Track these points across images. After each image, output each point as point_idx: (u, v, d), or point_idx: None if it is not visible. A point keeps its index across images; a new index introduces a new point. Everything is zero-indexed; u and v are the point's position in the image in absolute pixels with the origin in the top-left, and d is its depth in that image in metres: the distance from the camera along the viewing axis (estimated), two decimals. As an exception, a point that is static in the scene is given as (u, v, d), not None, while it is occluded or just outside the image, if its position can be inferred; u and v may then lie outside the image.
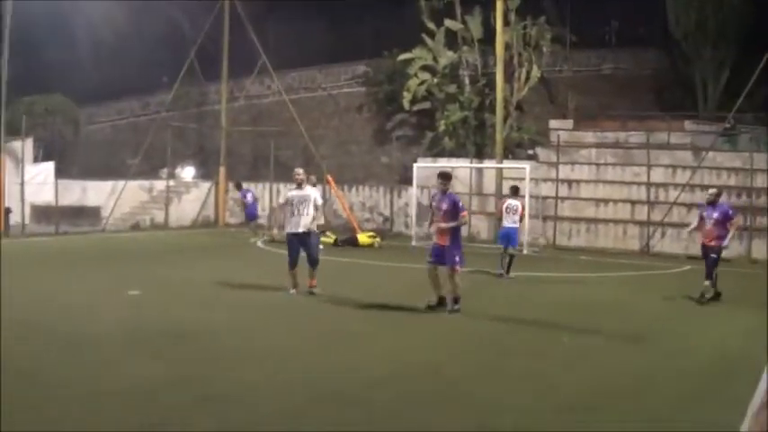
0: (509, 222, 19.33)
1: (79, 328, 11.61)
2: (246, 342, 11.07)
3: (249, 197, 29.05)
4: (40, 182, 32.04)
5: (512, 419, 7.80)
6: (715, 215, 15.36)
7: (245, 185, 30.13)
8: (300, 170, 15.64)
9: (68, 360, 9.62)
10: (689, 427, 7.72)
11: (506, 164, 30.02)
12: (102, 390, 8.27)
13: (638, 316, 14.35)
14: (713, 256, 15.33)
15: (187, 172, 37.26)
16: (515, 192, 20.22)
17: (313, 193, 15.61)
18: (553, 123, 33.07)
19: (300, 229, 15.06)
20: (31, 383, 8.48)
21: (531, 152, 32.33)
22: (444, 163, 31.19)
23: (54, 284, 16.44)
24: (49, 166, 33.69)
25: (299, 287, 15.15)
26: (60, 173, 33.07)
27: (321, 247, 24.00)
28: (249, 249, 25.50)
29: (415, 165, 29.06)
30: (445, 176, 13.97)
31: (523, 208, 19.95)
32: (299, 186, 15.28)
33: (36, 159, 35.26)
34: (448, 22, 33.97)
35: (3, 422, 6.85)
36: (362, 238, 26.96)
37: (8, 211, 28.85)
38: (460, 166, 30.89)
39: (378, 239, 27.06)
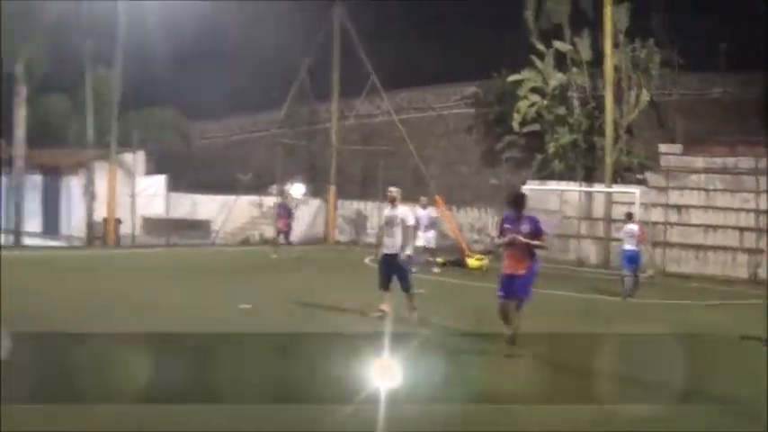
0: (630, 245, 19.83)
1: (191, 339, 11.74)
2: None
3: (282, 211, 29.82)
4: (151, 194, 33.20)
5: None
6: None
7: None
8: (394, 188, 14.88)
9: (177, 369, 9.88)
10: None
11: (616, 188, 29.96)
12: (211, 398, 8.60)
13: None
14: None
15: (296, 189, 37.99)
16: (629, 217, 20.94)
17: (402, 212, 14.57)
18: (662, 148, 32.65)
19: (385, 251, 14.49)
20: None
21: (640, 176, 32.03)
22: (554, 186, 31.37)
23: (163, 295, 16.88)
24: (161, 179, 34.91)
25: (388, 311, 14.16)
26: (171, 186, 34.12)
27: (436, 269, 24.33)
28: (359, 267, 25.62)
29: (523, 187, 28.94)
30: (518, 200, 11.76)
31: (642, 231, 20.55)
32: (393, 205, 14.70)
33: (148, 172, 36.51)
34: (557, 44, 33.91)
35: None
36: (471, 261, 26.68)
37: (118, 221, 29.91)
38: (570, 189, 31.02)
39: (486, 262, 26.47)
